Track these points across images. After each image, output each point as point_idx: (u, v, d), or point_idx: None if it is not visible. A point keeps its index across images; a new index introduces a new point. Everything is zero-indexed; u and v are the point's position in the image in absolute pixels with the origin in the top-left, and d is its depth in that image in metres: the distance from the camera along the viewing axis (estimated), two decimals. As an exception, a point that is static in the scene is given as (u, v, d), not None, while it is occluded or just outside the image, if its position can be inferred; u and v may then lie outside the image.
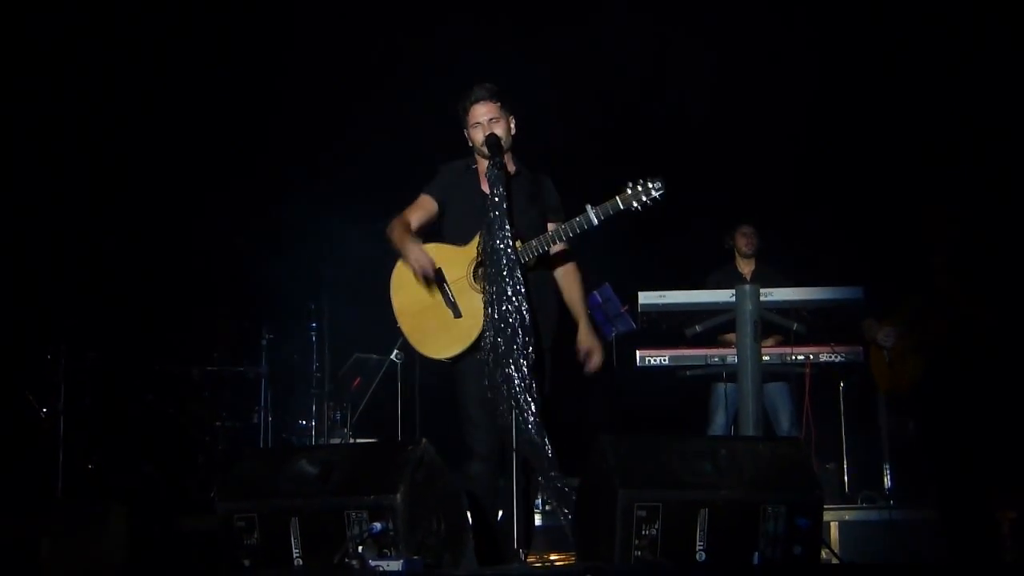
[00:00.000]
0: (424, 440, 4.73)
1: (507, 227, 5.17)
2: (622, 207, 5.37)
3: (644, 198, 5.36)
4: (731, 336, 7.81)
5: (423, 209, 5.69)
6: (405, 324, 5.59)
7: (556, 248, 5.53)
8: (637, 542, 4.40)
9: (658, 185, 5.37)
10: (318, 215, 9.18)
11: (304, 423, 8.79)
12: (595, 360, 5.69)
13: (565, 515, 5.08)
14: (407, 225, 5.58)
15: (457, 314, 5.44)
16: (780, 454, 4.68)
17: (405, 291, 5.57)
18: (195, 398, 8.94)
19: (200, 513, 7.16)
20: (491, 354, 5.16)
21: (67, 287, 8.82)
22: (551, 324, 5.63)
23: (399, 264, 5.60)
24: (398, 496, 4.47)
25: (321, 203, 9.25)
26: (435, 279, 5.47)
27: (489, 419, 5.27)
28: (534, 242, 5.39)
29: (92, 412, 8.72)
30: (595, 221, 5.35)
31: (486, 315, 5.21)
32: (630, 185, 5.38)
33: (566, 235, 5.40)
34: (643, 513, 4.41)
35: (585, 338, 5.69)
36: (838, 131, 9.40)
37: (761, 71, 9.53)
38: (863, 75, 9.27)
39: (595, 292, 8.44)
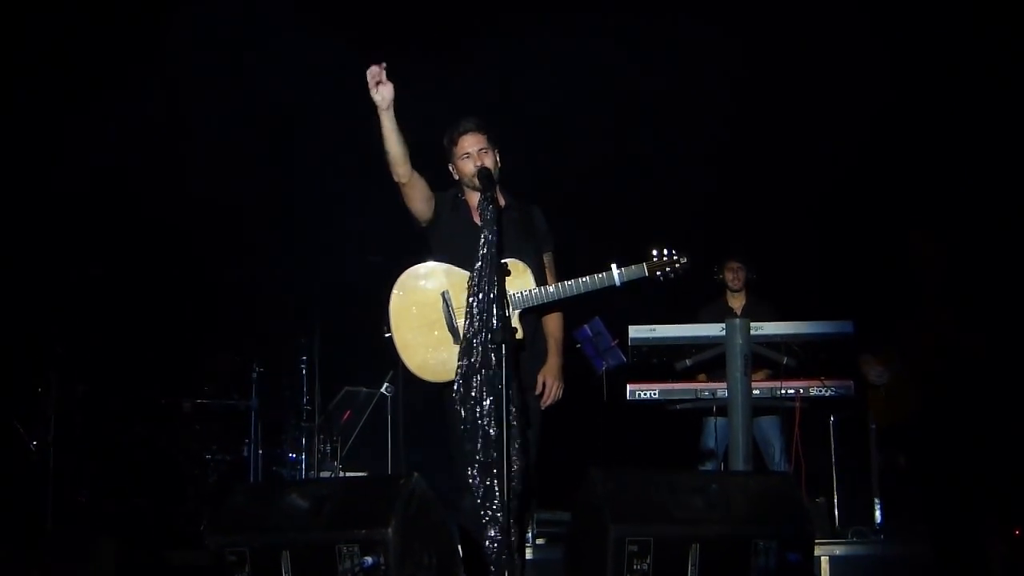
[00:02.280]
0: (415, 474, 4.71)
1: (498, 269, 5.10)
2: (647, 275, 5.41)
3: (668, 269, 5.40)
4: (701, 376, 8.02)
5: (428, 189, 5.61)
6: (400, 335, 5.48)
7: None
8: (628, 576, 4.40)
9: (684, 261, 5.42)
10: (308, 250, 9.21)
11: (294, 456, 8.76)
12: (550, 396, 5.56)
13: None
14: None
15: (456, 340, 5.38)
16: (771, 489, 4.68)
17: (406, 324, 5.48)
18: (185, 431, 8.89)
19: (189, 547, 7.14)
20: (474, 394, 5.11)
21: (58, 319, 8.78)
22: (540, 365, 5.61)
23: (409, 270, 5.54)
24: (389, 530, 4.45)
25: (311, 238, 9.28)
26: (442, 300, 5.44)
27: (479, 453, 5.24)
28: (552, 289, 5.40)
29: (82, 444, 8.68)
30: (617, 283, 5.37)
31: (473, 351, 5.15)
32: (655, 254, 5.42)
33: (585, 289, 5.39)
34: (634, 548, 4.41)
35: (549, 371, 5.58)
36: (829, 164, 9.41)
37: (752, 103, 9.55)
38: (853, 106, 9.29)
39: (586, 326, 8.43)
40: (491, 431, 4.97)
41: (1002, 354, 6.48)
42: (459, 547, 5.03)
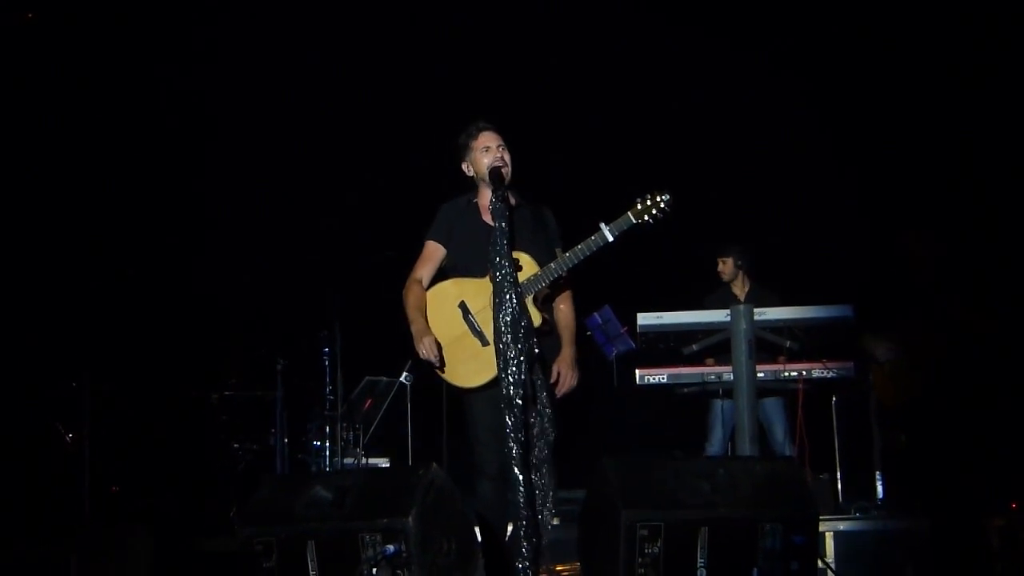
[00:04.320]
0: (434, 464, 4.73)
1: (510, 260, 5.11)
2: (635, 221, 5.35)
3: (654, 210, 5.36)
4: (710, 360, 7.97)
5: (432, 260, 5.62)
6: (452, 375, 5.45)
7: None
8: (640, 560, 4.42)
9: (666, 197, 5.37)
10: (329, 243, 9.23)
11: (318, 444, 8.78)
12: (565, 385, 5.49)
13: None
14: (419, 297, 5.52)
15: (484, 342, 5.35)
16: (776, 473, 4.69)
17: (431, 326, 5.51)
18: (213, 422, 8.94)
19: (220, 534, 7.18)
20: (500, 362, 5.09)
21: (89, 317, 8.83)
22: (557, 351, 5.61)
23: None
24: (410, 519, 4.47)
25: (332, 231, 9.30)
26: (460, 312, 5.43)
27: (497, 440, 5.24)
28: (552, 265, 5.35)
29: (115, 437, 8.74)
30: (610, 238, 5.31)
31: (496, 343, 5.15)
32: (638, 200, 5.38)
33: (582, 255, 5.33)
34: (645, 532, 4.42)
35: (563, 361, 5.51)
36: (831, 153, 9.40)
37: (755, 94, 9.53)
38: (857, 95, 9.27)
39: (595, 313, 8.45)
40: (515, 419, 4.95)
41: (1002, 338, 6.48)
42: (477, 532, 5.04)
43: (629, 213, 5.37)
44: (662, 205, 5.37)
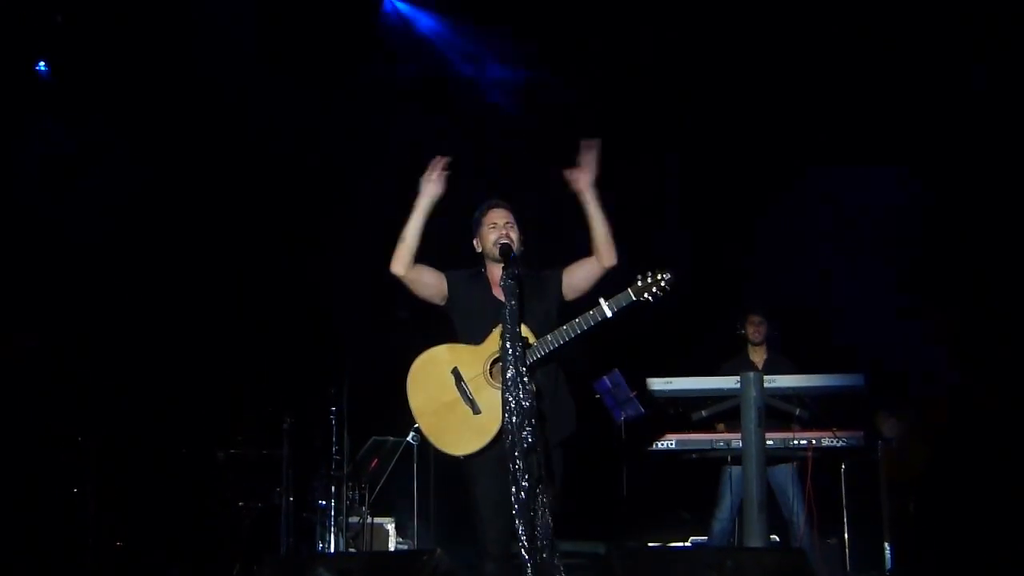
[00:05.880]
0: (438, 550, 4.66)
1: (521, 340, 5.05)
2: (634, 298, 5.36)
3: (655, 289, 5.36)
4: (720, 425, 7.90)
5: (434, 272, 5.64)
6: (425, 423, 5.50)
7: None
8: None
9: (668, 276, 5.39)
10: (337, 306, 9.19)
11: (324, 503, 8.69)
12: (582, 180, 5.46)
13: None
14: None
15: (476, 410, 5.37)
16: (785, 565, 4.59)
17: (422, 391, 5.49)
18: (219, 480, 8.88)
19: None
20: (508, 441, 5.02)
21: (94, 372, 8.80)
22: (563, 419, 5.54)
23: (414, 366, 5.54)
24: (414, 606, 4.40)
25: (340, 291, 9.26)
26: (453, 378, 5.41)
27: (500, 519, 5.17)
28: (549, 337, 5.34)
29: (120, 494, 8.72)
30: (608, 314, 5.33)
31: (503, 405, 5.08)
32: (639, 277, 5.39)
33: (580, 329, 5.34)
34: (652, 625, 4.34)
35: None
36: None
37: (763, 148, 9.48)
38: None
39: (605, 377, 8.39)
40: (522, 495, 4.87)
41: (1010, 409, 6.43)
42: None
43: (629, 290, 5.39)
44: (663, 284, 5.39)
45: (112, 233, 9.40)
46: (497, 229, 5.54)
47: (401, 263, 5.52)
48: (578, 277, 5.59)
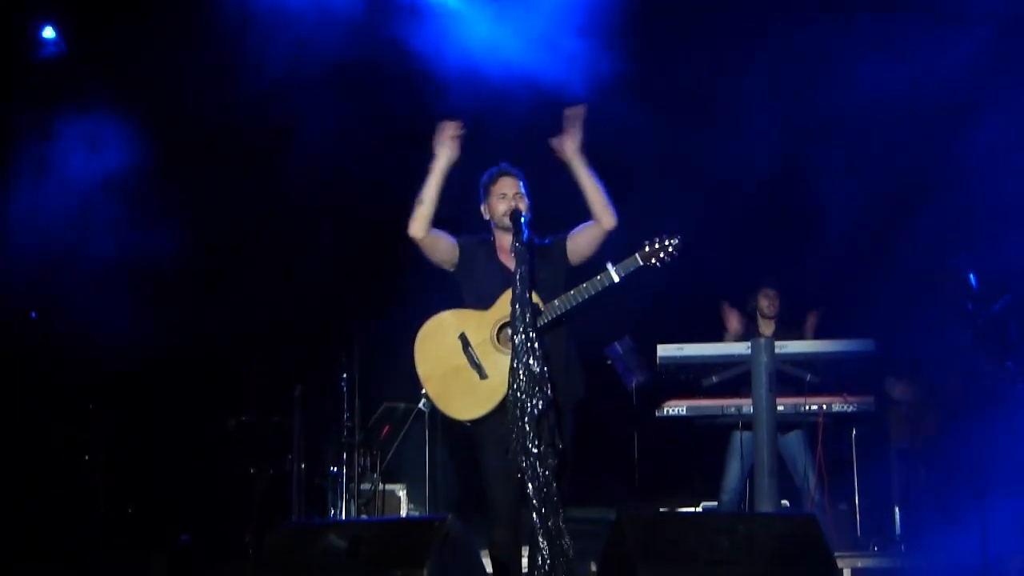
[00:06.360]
0: (449, 516, 4.67)
1: (531, 306, 5.04)
2: (641, 263, 5.37)
3: (662, 254, 5.35)
4: None
5: (448, 238, 5.62)
6: (431, 389, 5.52)
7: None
8: (659, 617, 4.33)
9: (676, 241, 5.38)
10: (347, 273, 9.19)
11: (335, 470, 8.71)
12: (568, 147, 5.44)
13: None
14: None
15: (482, 375, 5.38)
16: (796, 531, 4.58)
17: (429, 357, 5.51)
18: (231, 447, 8.90)
19: (235, 560, 7.15)
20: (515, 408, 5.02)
21: (107, 341, 8.80)
22: (573, 384, 5.53)
23: (421, 332, 5.54)
24: (424, 571, 4.42)
25: (350, 256, 9.26)
26: (460, 343, 5.41)
27: (509, 485, 5.17)
28: (557, 302, 5.34)
29: (132, 462, 8.74)
30: (616, 279, 5.32)
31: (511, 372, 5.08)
32: (647, 242, 5.39)
33: (587, 294, 5.34)
34: (663, 589, 4.34)
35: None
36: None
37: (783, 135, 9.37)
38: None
39: (616, 344, 8.34)
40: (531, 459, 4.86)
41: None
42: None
43: (637, 255, 5.39)
44: (671, 249, 5.38)
45: (123, 199, 9.38)
46: (507, 200, 5.53)
47: (419, 226, 5.48)
48: (582, 242, 5.56)
